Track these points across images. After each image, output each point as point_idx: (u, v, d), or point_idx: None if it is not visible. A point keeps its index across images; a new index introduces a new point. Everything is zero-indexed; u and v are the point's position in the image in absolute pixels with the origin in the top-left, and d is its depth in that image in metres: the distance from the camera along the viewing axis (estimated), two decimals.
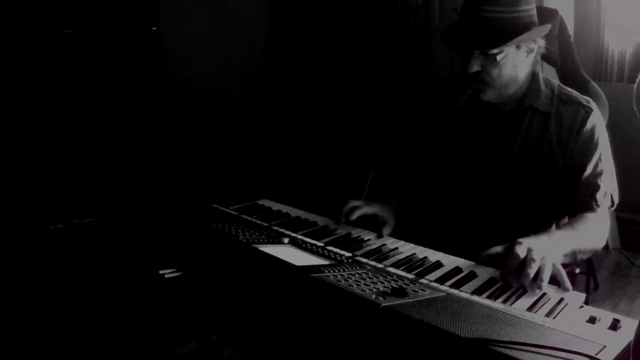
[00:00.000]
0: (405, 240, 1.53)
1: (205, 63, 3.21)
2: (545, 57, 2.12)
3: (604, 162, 1.57)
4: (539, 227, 1.50)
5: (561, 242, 1.38)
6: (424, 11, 3.68)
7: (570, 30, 2.91)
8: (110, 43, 2.35)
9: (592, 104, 1.60)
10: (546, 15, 2.10)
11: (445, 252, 1.44)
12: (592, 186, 1.55)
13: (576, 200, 1.56)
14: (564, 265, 1.36)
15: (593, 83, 2.38)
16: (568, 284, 1.24)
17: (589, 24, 3.52)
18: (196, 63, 3.15)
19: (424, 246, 1.49)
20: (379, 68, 3.77)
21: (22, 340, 1.45)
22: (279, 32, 3.69)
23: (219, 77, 3.30)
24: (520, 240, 1.29)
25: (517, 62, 1.54)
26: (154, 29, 2.52)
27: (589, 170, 1.55)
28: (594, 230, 1.49)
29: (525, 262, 1.24)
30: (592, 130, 1.57)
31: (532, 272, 1.22)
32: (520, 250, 1.26)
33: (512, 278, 1.27)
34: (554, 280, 1.28)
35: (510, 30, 1.47)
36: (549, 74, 2.43)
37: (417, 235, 1.56)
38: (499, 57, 1.49)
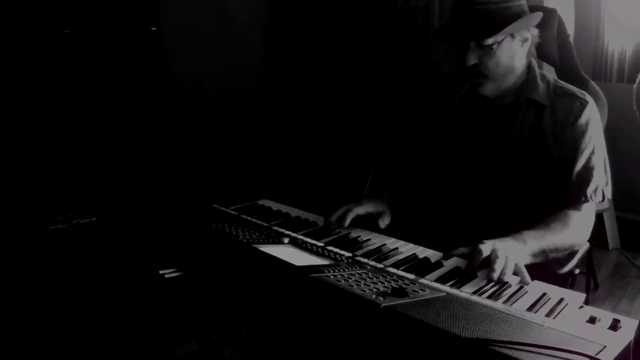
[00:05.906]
0: (405, 240, 1.53)
1: (205, 63, 3.21)
2: (545, 57, 2.12)
3: (596, 156, 1.57)
4: (534, 220, 1.50)
5: (529, 242, 1.41)
6: (424, 11, 3.68)
7: (570, 30, 2.90)
8: (109, 43, 2.35)
9: (588, 97, 1.60)
10: (544, 14, 2.09)
11: (443, 250, 1.44)
12: (583, 180, 1.55)
13: (567, 194, 1.56)
14: (541, 264, 1.43)
15: (592, 83, 2.38)
16: (528, 279, 1.30)
17: (589, 24, 3.52)
18: (195, 63, 3.14)
19: (424, 246, 1.49)
20: (379, 68, 3.77)
21: (22, 341, 1.45)
22: (279, 32, 3.69)
23: (218, 76, 3.29)
24: (484, 241, 1.35)
25: (513, 52, 1.55)
26: (153, 28, 2.52)
27: (580, 163, 1.56)
28: (572, 228, 1.50)
29: (491, 260, 1.30)
30: (587, 124, 1.57)
31: (498, 268, 1.28)
32: (484, 249, 1.32)
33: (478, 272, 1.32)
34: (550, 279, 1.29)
35: (503, 19, 1.49)
36: (548, 74, 2.43)
37: (414, 234, 1.56)
38: (494, 47, 1.50)
